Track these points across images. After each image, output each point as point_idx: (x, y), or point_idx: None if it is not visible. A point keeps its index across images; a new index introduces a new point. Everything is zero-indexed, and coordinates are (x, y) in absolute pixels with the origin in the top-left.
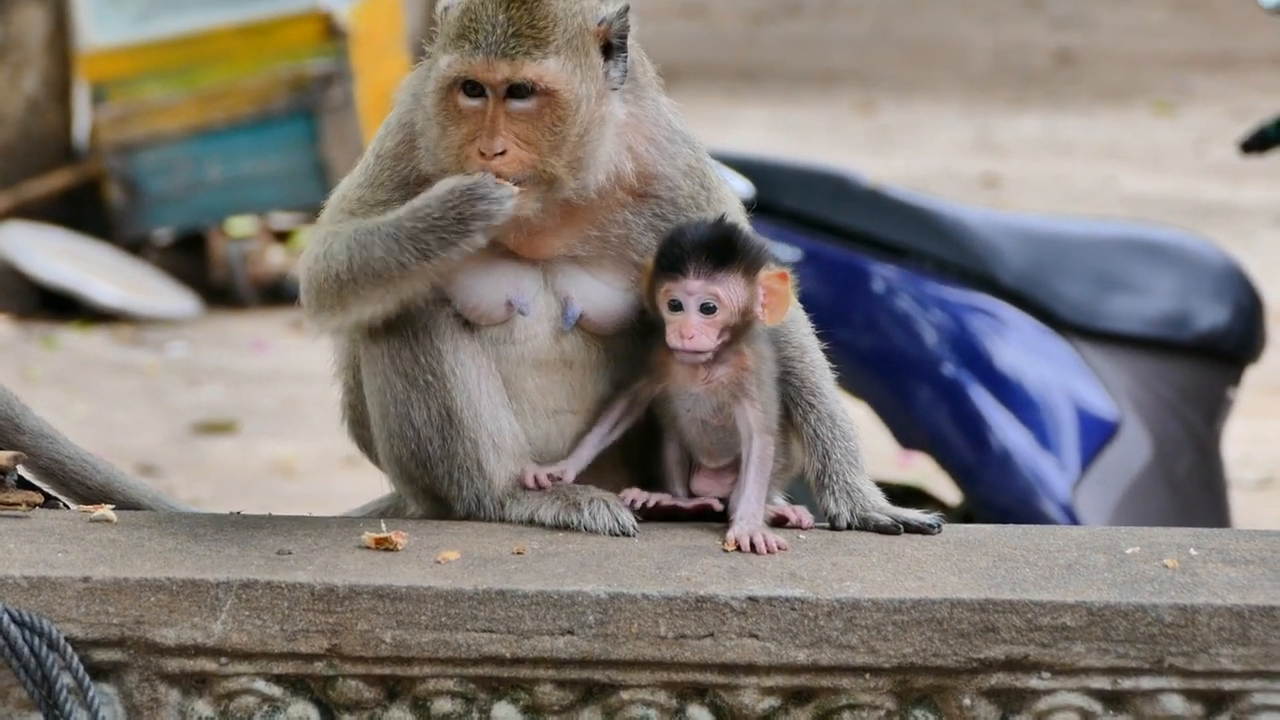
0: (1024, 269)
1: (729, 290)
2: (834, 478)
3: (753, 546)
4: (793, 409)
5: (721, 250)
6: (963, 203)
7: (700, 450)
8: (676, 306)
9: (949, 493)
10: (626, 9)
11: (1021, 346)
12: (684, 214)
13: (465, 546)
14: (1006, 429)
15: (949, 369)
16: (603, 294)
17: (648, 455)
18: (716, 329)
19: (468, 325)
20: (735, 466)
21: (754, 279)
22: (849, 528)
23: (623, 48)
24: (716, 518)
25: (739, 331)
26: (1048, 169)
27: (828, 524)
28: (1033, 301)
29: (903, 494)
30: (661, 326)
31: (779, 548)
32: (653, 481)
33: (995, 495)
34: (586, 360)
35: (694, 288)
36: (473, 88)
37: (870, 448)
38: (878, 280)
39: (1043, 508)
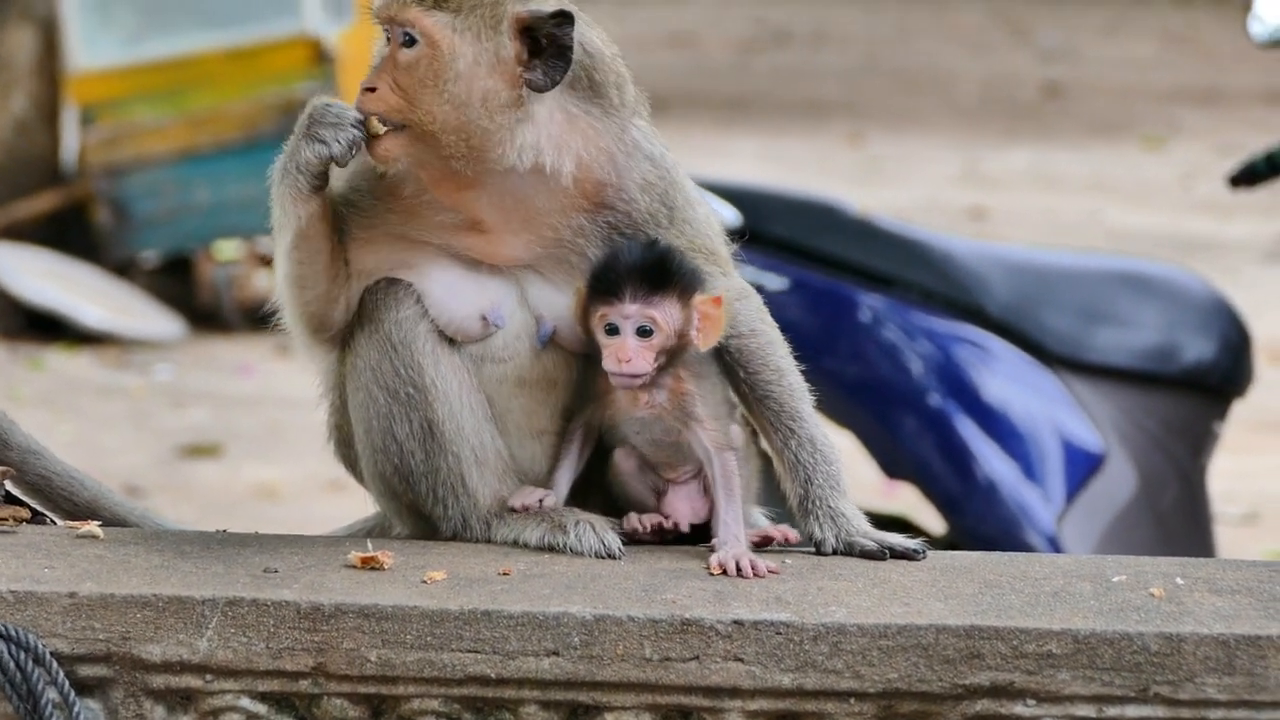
0: (1011, 300)
1: (665, 313)
2: (817, 503)
3: (739, 570)
4: (771, 434)
5: (657, 273)
6: (950, 233)
7: (659, 463)
8: (612, 330)
9: (934, 523)
10: (567, 19)
11: (1008, 377)
12: (641, 230)
13: (451, 566)
14: (992, 460)
15: (935, 399)
16: (570, 309)
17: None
18: (654, 352)
19: (449, 341)
20: (699, 476)
21: (689, 302)
22: (834, 553)
23: (558, 55)
24: (702, 538)
25: (674, 355)
26: (1035, 202)
27: (813, 549)
28: (1019, 333)
29: (888, 523)
30: (597, 352)
31: (767, 571)
32: (618, 501)
33: (980, 526)
34: (569, 380)
35: (630, 311)
36: (386, 38)
37: (855, 477)
38: (865, 310)
39: (1028, 539)
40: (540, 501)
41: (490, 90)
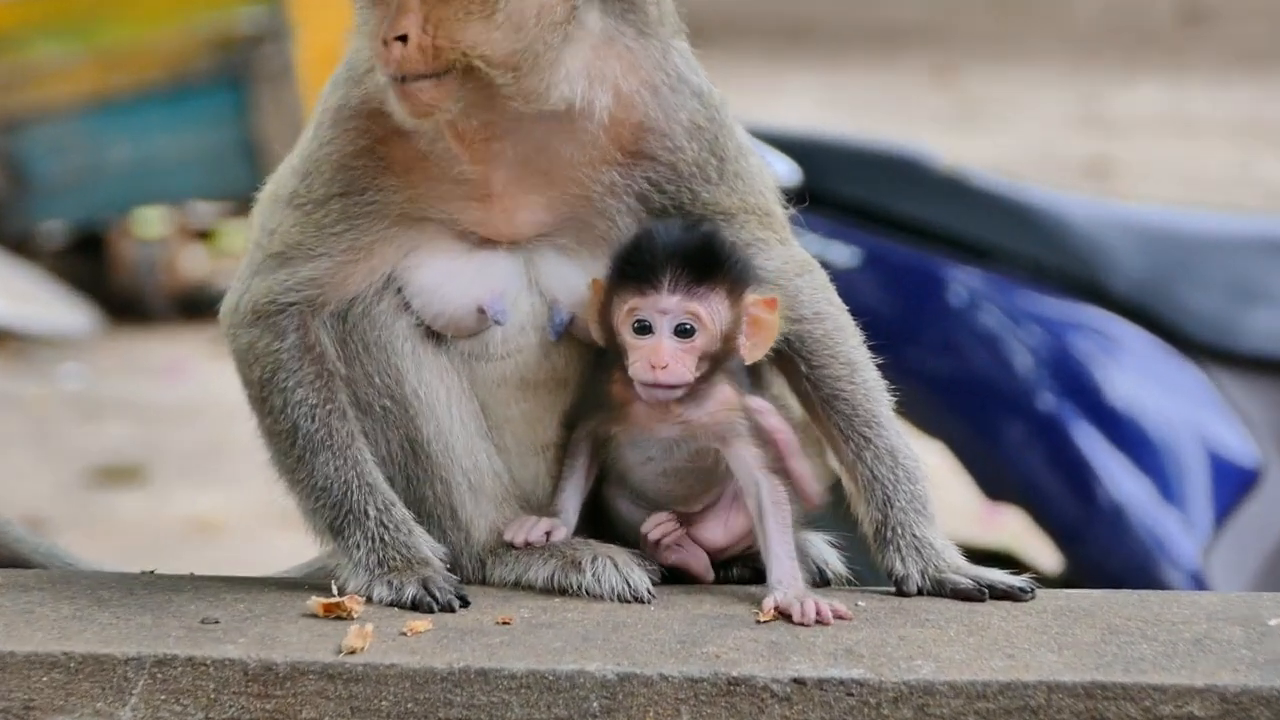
0: (1142, 275)
1: (711, 309)
2: (899, 530)
3: (800, 615)
4: (841, 444)
5: (703, 259)
6: (1064, 192)
7: (673, 500)
8: (644, 328)
9: (1046, 557)
10: None
11: (1139, 373)
12: (686, 185)
13: (438, 615)
14: (1119, 477)
15: (1047, 401)
16: None
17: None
18: (695, 357)
19: (434, 336)
20: (723, 499)
21: (739, 300)
22: (920, 592)
23: None
24: (751, 576)
25: (717, 364)
26: (1170, 151)
27: (892, 588)
28: (1153, 316)
29: (986, 558)
30: (618, 354)
31: (835, 617)
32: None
33: (1105, 561)
34: (583, 378)
35: (669, 304)
36: None
37: (946, 500)
38: (957, 288)
39: (1164, 574)
40: (546, 535)
41: (546, 3)
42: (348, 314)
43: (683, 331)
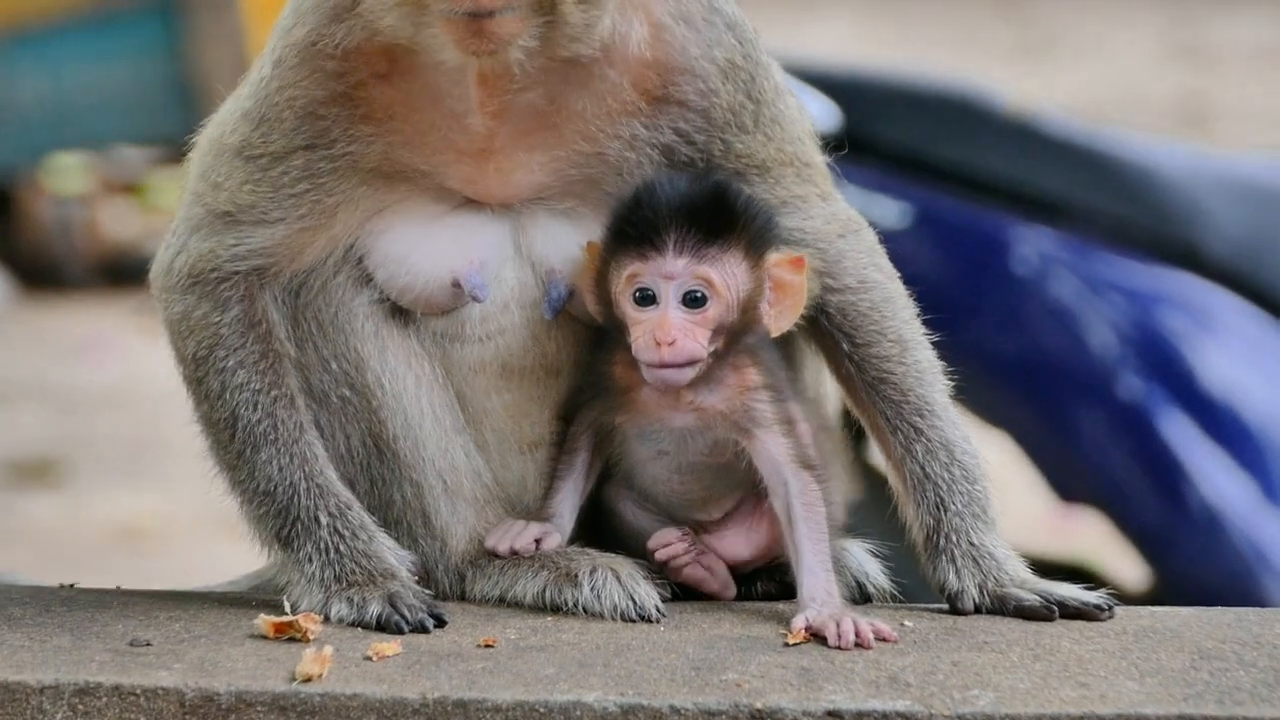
0: (1243, 238)
1: (725, 273)
2: (953, 537)
3: (837, 638)
4: (888, 435)
5: (715, 214)
6: (1152, 138)
7: (689, 505)
8: (646, 298)
9: (1128, 571)
10: None
11: (1239, 352)
12: (719, 135)
13: (409, 636)
14: (1215, 476)
15: (1131, 386)
16: None
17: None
18: (708, 330)
19: (400, 315)
20: (744, 505)
21: (759, 261)
22: (977, 609)
23: None
24: (778, 590)
25: (735, 337)
26: (1275, 91)
27: (945, 604)
28: (1256, 285)
29: (1058, 573)
30: (618, 330)
31: (877, 639)
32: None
33: (1197, 573)
34: (577, 365)
35: (675, 268)
36: None
37: (1009, 503)
38: (1024, 252)
39: (1266, 591)
40: (537, 543)
41: None
42: (301, 288)
43: (692, 300)
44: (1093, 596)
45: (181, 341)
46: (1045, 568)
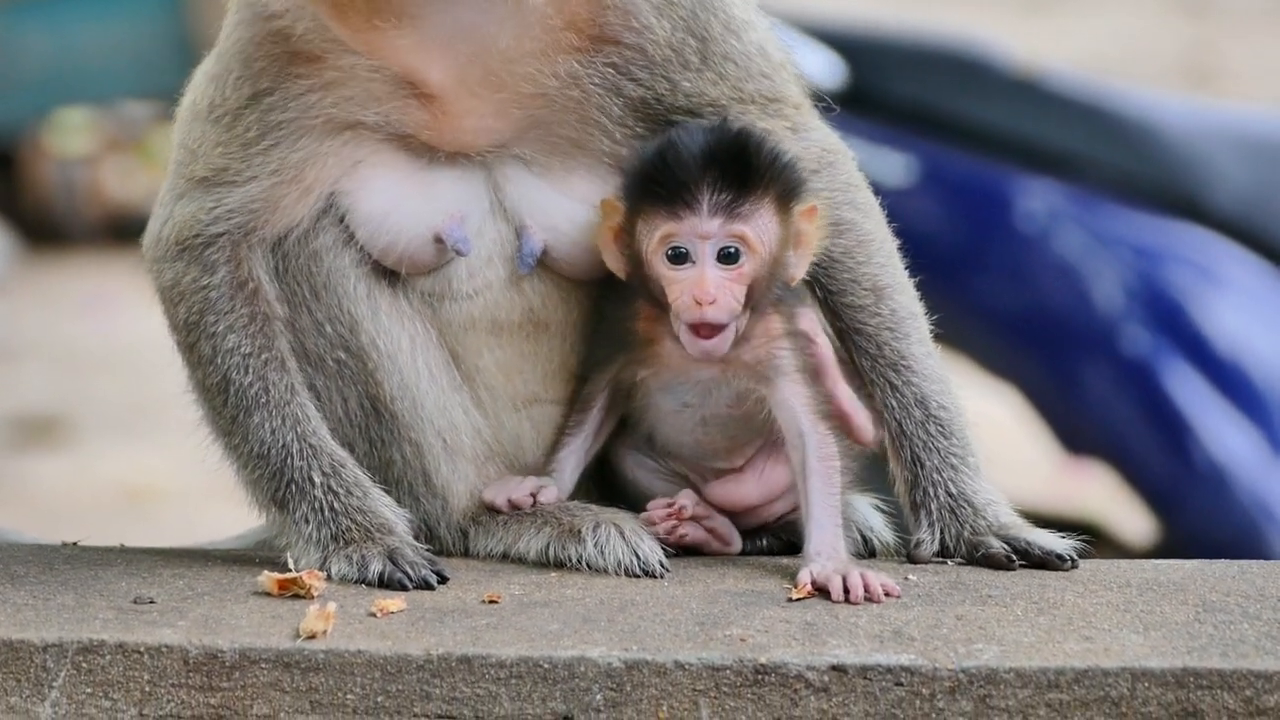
0: (1249, 190)
1: (759, 228)
2: (930, 490)
3: (842, 592)
4: (867, 386)
5: (744, 168)
6: (1158, 93)
7: (713, 454)
8: (680, 256)
9: (1136, 524)
10: None
11: (1245, 305)
12: (661, 73)
13: (412, 593)
14: (1221, 430)
15: (1137, 340)
16: (570, 214)
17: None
18: (744, 285)
19: (389, 275)
20: (761, 453)
21: (788, 212)
22: (955, 558)
23: None
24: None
25: (764, 287)
26: None
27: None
28: (1262, 237)
29: (1064, 528)
30: (643, 286)
31: (883, 593)
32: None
33: (1204, 527)
34: (566, 320)
35: (710, 228)
36: None
37: (1017, 456)
38: (1030, 206)
39: (1274, 544)
40: (533, 496)
41: None
42: (290, 252)
43: (727, 256)
44: (1061, 546)
45: (173, 309)
46: (1049, 522)
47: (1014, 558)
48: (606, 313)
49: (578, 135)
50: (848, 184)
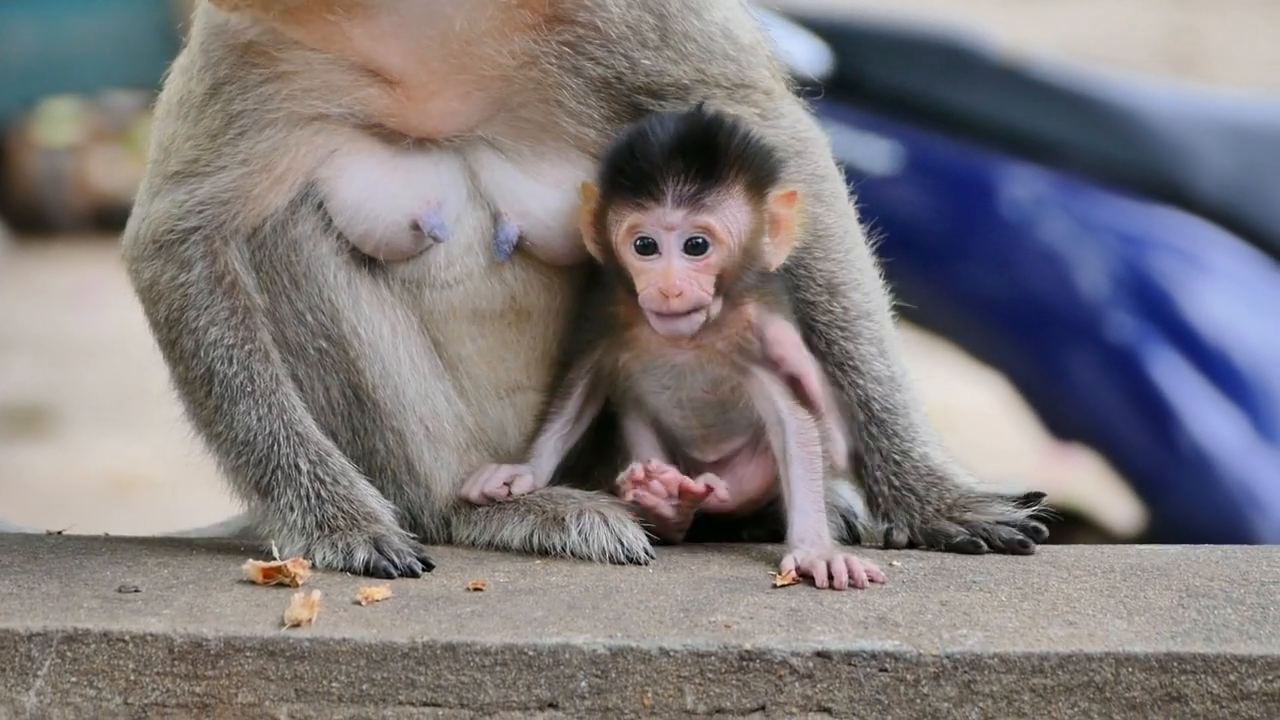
0: (1233, 176)
1: (726, 219)
2: (874, 487)
3: (827, 578)
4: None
5: (710, 158)
6: (1142, 79)
7: (686, 440)
8: (648, 247)
9: (1122, 509)
10: None
11: (1229, 290)
12: (620, 52)
13: (399, 581)
14: (1206, 415)
15: (1121, 326)
16: (543, 200)
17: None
18: (712, 276)
19: (369, 263)
20: (740, 455)
21: (761, 200)
22: (911, 545)
23: None
24: (763, 534)
25: (736, 275)
26: (1268, 31)
27: (939, 547)
28: (1246, 223)
29: (1051, 519)
30: (618, 271)
31: (867, 579)
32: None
33: (1189, 513)
34: (549, 307)
35: (675, 219)
36: None
37: (1002, 444)
38: (1014, 192)
39: (1259, 530)
40: (507, 487)
41: None
42: (268, 242)
43: (694, 247)
44: (1020, 534)
45: (153, 307)
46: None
47: (979, 542)
48: (590, 297)
49: (543, 118)
50: (814, 175)
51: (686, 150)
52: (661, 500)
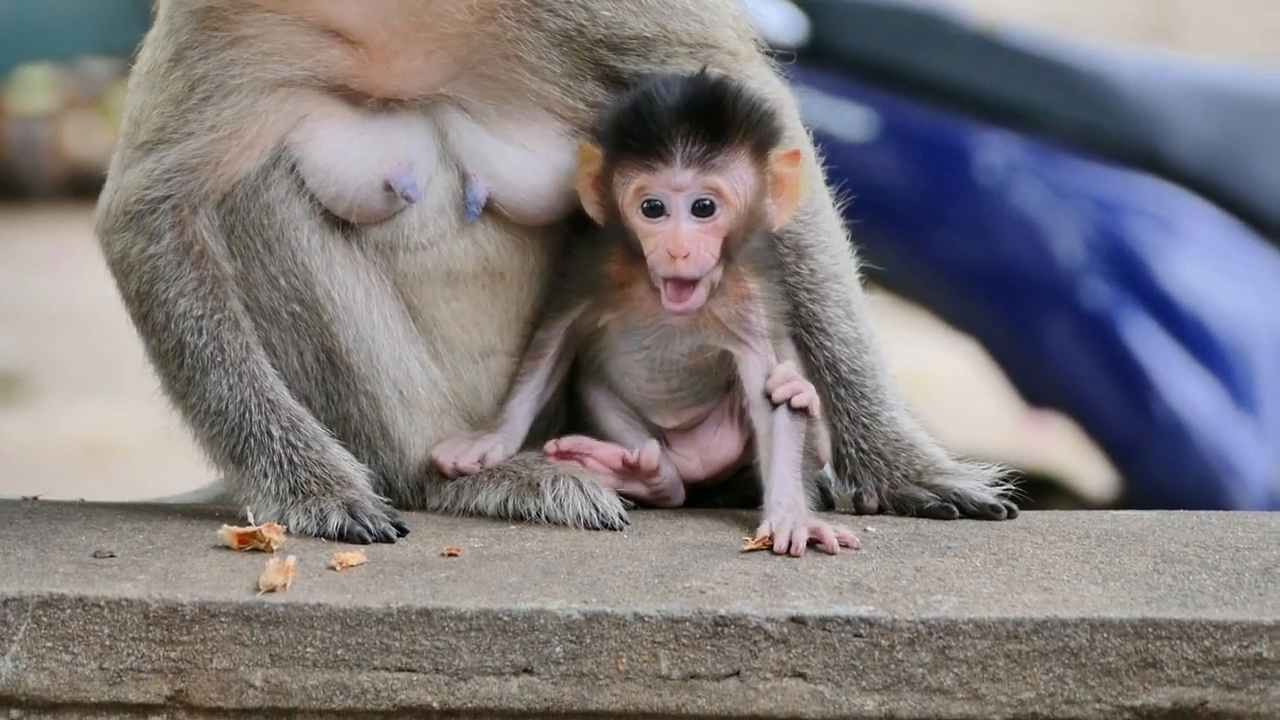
0: (1208, 142)
1: (733, 179)
2: (843, 450)
3: (800, 544)
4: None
5: (718, 119)
6: (1119, 47)
7: (652, 405)
8: (655, 209)
9: (1098, 476)
10: None
11: (1204, 257)
12: (576, 5)
13: (373, 546)
14: (1182, 382)
15: (1096, 293)
16: (511, 161)
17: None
18: (718, 238)
19: (342, 226)
20: (707, 424)
21: (764, 161)
22: (880, 510)
23: None
24: (735, 499)
25: (741, 238)
26: (1246, 3)
27: (912, 513)
28: (1221, 189)
29: (1026, 485)
30: (619, 231)
31: (840, 545)
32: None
33: (1164, 479)
34: (522, 269)
35: (684, 180)
36: None
37: (978, 411)
38: (989, 159)
39: (1234, 496)
40: (481, 458)
41: None
42: (239, 207)
43: (702, 209)
44: (991, 495)
45: (124, 280)
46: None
47: (950, 507)
48: (576, 254)
49: (505, 76)
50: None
51: (694, 112)
52: (599, 465)
